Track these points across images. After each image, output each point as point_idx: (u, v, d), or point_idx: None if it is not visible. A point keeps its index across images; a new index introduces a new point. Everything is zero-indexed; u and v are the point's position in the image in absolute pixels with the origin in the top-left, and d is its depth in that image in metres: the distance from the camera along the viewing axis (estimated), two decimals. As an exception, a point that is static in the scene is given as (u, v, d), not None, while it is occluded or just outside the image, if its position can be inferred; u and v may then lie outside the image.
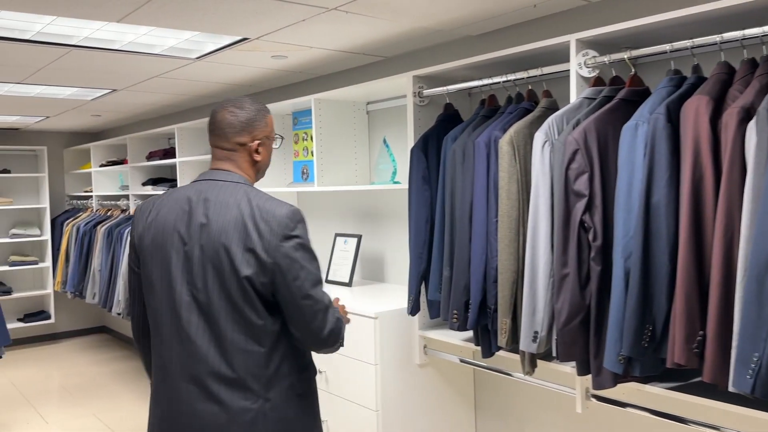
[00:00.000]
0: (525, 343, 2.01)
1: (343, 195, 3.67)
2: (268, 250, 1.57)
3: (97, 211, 6.00)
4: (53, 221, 6.47)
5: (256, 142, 1.69)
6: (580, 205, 1.86)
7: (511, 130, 2.08)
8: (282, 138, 1.93)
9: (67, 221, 6.12)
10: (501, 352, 2.27)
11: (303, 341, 1.64)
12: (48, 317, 6.41)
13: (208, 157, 4.22)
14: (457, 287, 2.22)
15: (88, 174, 6.44)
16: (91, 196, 6.26)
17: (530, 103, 2.27)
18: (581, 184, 1.86)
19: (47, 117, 5.48)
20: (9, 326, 6.13)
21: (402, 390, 2.71)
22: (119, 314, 4.79)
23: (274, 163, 3.90)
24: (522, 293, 2.02)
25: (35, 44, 2.85)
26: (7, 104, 4.64)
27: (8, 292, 6.21)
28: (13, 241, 6.27)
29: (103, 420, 4.29)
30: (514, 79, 2.32)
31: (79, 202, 6.51)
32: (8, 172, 6.29)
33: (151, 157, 5.06)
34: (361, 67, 3.50)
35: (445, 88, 2.57)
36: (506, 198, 2.04)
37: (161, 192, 4.83)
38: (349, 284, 3.29)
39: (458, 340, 2.54)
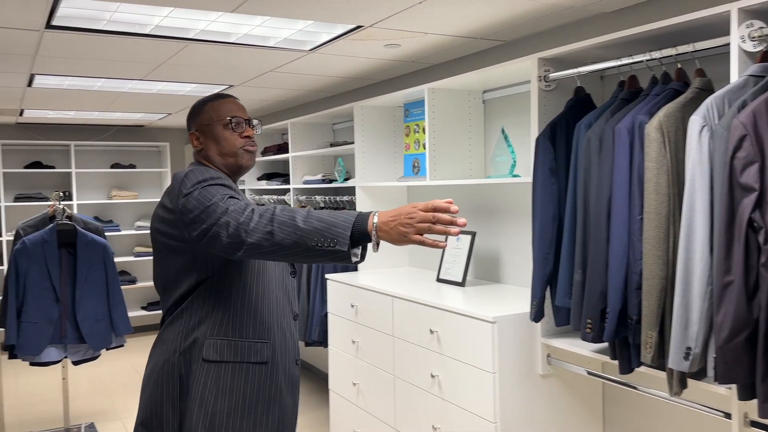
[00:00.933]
0: (675, 361, 1.74)
1: (457, 189, 3.48)
2: None
3: (214, 205, 6.17)
4: (174, 214, 6.72)
5: (192, 134, 1.80)
6: (749, 200, 1.56)
7: (660, 114, 1.81)
8: (234, 119, 1.77)
9: (187, 215, 6.33)
10: (642, 368, 2.00)
11: None
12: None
13: (321, 151, 4.18)
14: (592, 293, 1.97)
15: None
16: (208, 191, 6.45)
17: (680, 84, 1.98)
18: (750, 177, 1.57)
19: (168, 114, 5.69)
20: (133, 314, 6.48)
21: (523, 401, 2.50)
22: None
23: (384, 156, 3.80)
24: (672, 303, 1.75)
25: (154, 38, 2.88)
26: (132, 101, 4.84)
27: (133, 281, 6.55)
28: (137, 232, 6.61)
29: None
30: (660, 57, 2.04)
31: (197, 196, 6.74)
32: (134, 167, 6.62)
33: (265, 152, 5.11)
34: (478, 53, 3.29)
35: (575, 70, 2.32)
36: (654, 192, 1.78)
37: (275, 186, 4.86)
38: (462, 284, 3.10)
39: (586, 350, 2.29)
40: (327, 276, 3.61)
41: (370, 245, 1.44)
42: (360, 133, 3.73)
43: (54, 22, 2.57)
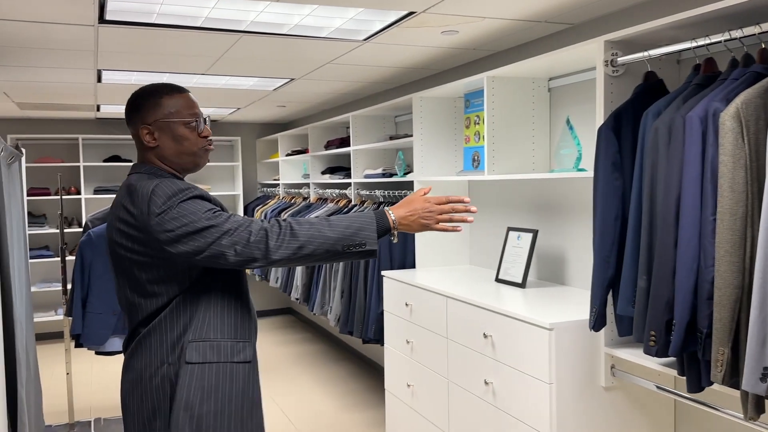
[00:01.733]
0: (749, 382, 1.51)
1: (518, 184, 3.29)
2: None
3: (282, 198, 6.21)
4: (246, 207, 6.85)
5: (145, 128, 1.64)
6: (844, 200, 1.33)
7: (737, 101, 1.58)
8: (196, 120, 1.67)
9: (257, 207, 6.42)
10: (715, 385, 1.77)
11: None
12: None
13: (381, 144, 4.08)
14: (657, 302, 1.76)
15: (277, 163, 6.72)
16: (278, 184, 6.51)
17: (764, 67, 1.73)
18: None
19: (238, 108, 5.75)
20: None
21: (582, 415, 2.30)
22: (297, 299, 4.87)
23: (444, 149, 3.65)
24: (747, 316, 1.53)
25: (206, 31, 2.85)
26: (200, 96, 4.90)
27: (206, 272, 6.69)
28: (210, 225, 6.74)
29: (278, 403, 4.37)
30: (741, 37, 1.79)
31: (268, 189, 6.82)
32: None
33: (328, 145, 5.07)
34: (542, 39, 3.08)
35: (645, 53, 2.09)
36: (729, 190, 1.55)
37: (337, 180, 4.79)
38: (522, 285, 2.91)
39: (655, 362, 2.07)
40: (383, 273, 3.50)
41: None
42: (419, 125, 3.60)
43: (107, 17, 2.59)
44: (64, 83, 4.14)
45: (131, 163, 6.46)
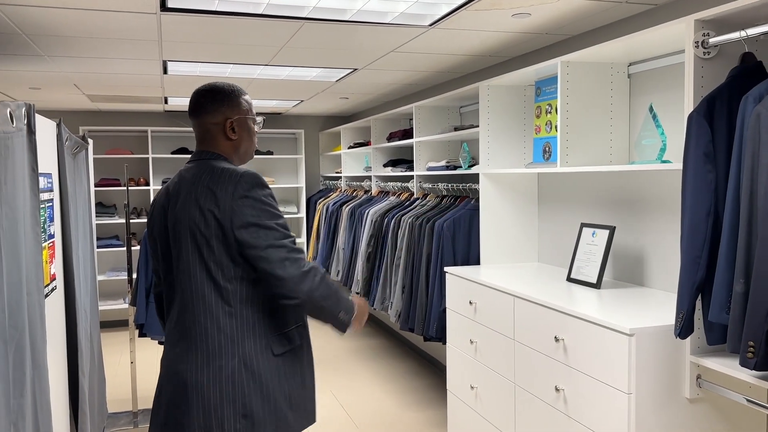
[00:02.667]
0: None
1: (593, 177, 3.08)
2: None
3: (344, 191, 6.15)
4: (308, 200, 6.83)
5: (230, 122, 1.81)
6: None
7: None
8: (262, 120, 1.96)
9: (320, 200, 6.39)
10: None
11: None
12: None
13: (445, 136, 3.93)
14: (756, 310, 1.56)
15: (339, 155, 6.67)
16: (340, 177, 6.46)
17: None
18: None
19: (301, 101, 5.71)
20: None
21: (664, 429, 2.11)
22: (357, 293, 4.79)
23: (511, 140, 3.47)
24: None
25: (268, 18, 2.79)
26: (264, 88, 4.88)
27: (268, 264, 6.72)
28: (273, 217, 6.77)
29: (338, 398, 4.30)
30: None
31: (331, 182, 6.78)
32: (271, 153, 6.78)
33: (390, 137, 4.96)
34: (621, 21, 2.86)
35: (742, 32, 1.87)
36: None
37: (399, 173, 4.68)
38: (596, 285, 2.72)
39: (747, 374, 1.85)
40: (446, 269, 3.37)
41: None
42: (485, 115, 3.44)
43: (168, 5, 2.55)
44: (131, 75, 4.18)
45: (197, 155, 6.54)
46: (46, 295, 2.25)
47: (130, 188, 6.29)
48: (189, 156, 6.52)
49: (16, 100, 5.29)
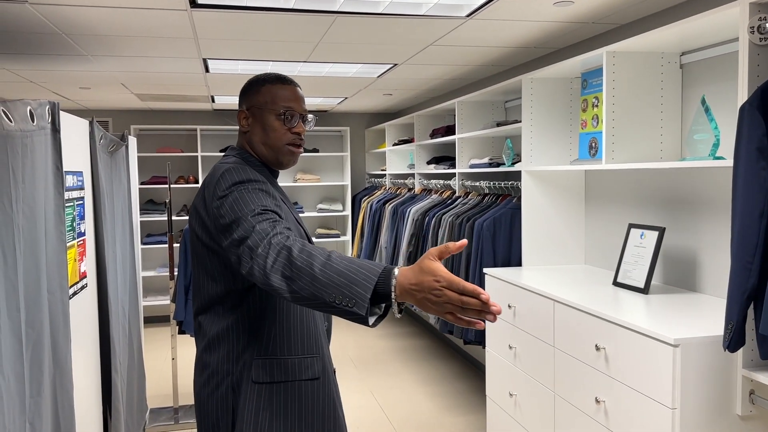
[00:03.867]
0: None
1: (642, 175, 2.90)
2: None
3: (388, 189, 6.08)
4: (353, 198, 6.79)
5: (242, 112, 1.62)
6: None
7: None
8: (288, 112, 1.59)
9: (364, 198, 6.34)
10: None
11: None
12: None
13: (487, 132, 3.80)
14: (816, 323, 1.40)
15: (384, 153, 6.60)
16: (385, 174, 6.39)
17: None
18: None
19: (345, 98, 5.67)
20: (313, 294, 6.67)
21: (713, 448, 1.94)
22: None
23: (556, 136, 3.31)
24: None
25: (299, 13, 2.73)
26: (306, 85, 4.85)
27: (314, 262, 6.72)
28: (319, 215, 6.76)
29: (377, 398, 4.24)
30: None
31: (376, 179, 6.72)
32: (317, 151, 6.77)
33: (433, 134, 4.85)
34: (672, 8, 2.67)
35: (805, 13, 1.69)
36: None
37: (442, 171, 4.57)
38: (644, 290, 2.55)
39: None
40: (485, 270, 3.24)
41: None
42: (528, 109, 3.29)
43: (198, 1, 2.53)
44: (174, 73, 4.22)
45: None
46: (74, 294, 2.26)
47: (179, 186, 6.39)
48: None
49: (69, 99, 5.44)
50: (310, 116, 1.65)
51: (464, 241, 1.13)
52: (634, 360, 2.08)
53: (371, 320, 1.15)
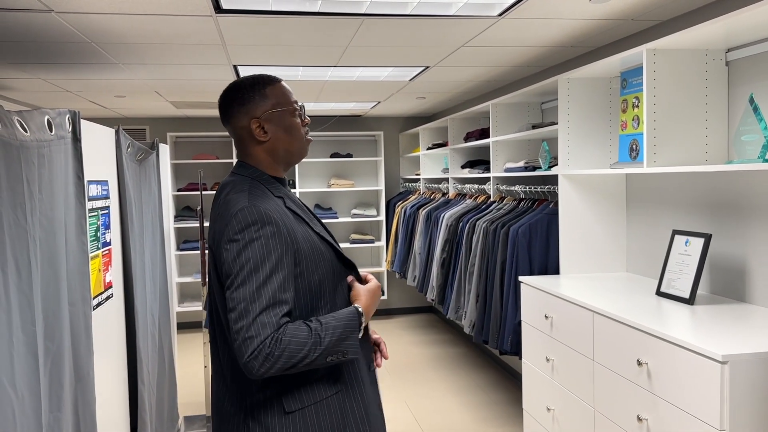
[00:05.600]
0: None
1: (686, 178, 2.75)
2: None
3: (423, 193, 5.99)
4: (388, 203, 6.72)
5: (255, 121, 1.49)
6: None
7: None
8: (301, 106, 1.58)
9: (398, 203, 6.26)
10: None
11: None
12: (382, 293, 6.73)
13: (522, 134, 3.68)
14: None
15: (418, 157, 6.51)
16: (419, 179, 6.30)
17: None
18: None
19: (378, 102, 5.60)
20: (348, 300, 6.63)
21: (767, 474, 1.80)
22: (432, 301, 4.61)
23: (595, 138, 3.18)
24: None
25: (325, 16, 2.67)
26: (338, 90, 4.81)
27: (348, 268, 6.66)
28: (353, 220, 6.71)
29: (411, 408, 4.15)
30: None
31: (410, 184, 6.64)
32: (350, 156, 6.72)
33: (467, 137, 4.74)
34: (717, 2, 2.53)
35: None
36: None
37: (476, 175, 4.46)
38: (689, 301, 2.41)
39: None
40: (520, 279, 3.13)
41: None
42: (565, 110, 3.17)
43: (223, 6, 2.49)
44: (206, 80, 4.22)
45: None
46: (99, 304, 2.24)
47: (201, 192, 6.42)
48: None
49: (105, 107, 5.51)
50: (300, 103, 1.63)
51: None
52: (678, 376, 1.95)
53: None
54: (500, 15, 2.71)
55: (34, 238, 1.55)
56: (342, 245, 6.59)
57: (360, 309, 1.43)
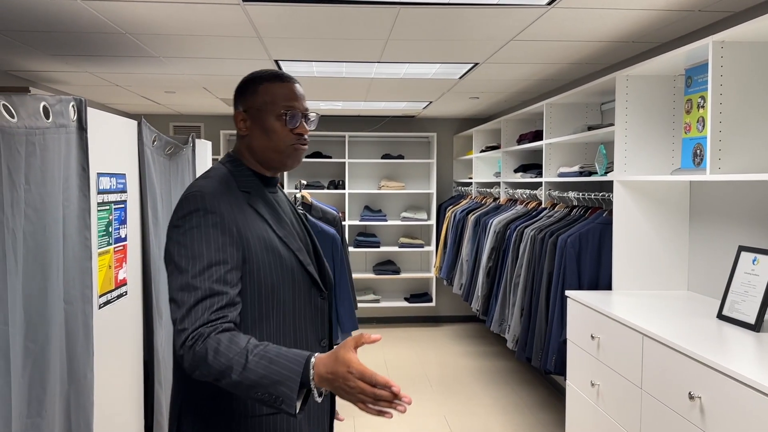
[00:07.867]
0: None
1: (757, 188, 2.44)
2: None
3: (474, 198, 5.75)
4: (439, 207, 6.51)
5: (240, 114, 1.46)
6: None
7: None
8: (290, 112, 1.43)
9: (449, 207, 6.05)
10: None
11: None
12: (429, 300, 6.52)
13: (576, 137, 3.41)
14: None
15: (471, 160, 6.27)
16: (471, 183, 6.07)
17: None
18: None
19: (430, 102, 5.41)
20: (395, 304, 6.47)
21: None
22: (477, 311, 4.38)
23: (657, 141, 2.88)
24: None
25: (358, 5, 2.51)
26: (386, 88, 4.65)
27: (397, 271, 6.50)
28: (403, 223, 6.53)
29: (450, 423, 3.93)
30: None
31: (463, 188, 6.41)
32: (402, 157, 6.54)
33: (520, 140, 4.48)
34: (805, -14, 2.21)
35: None
36: None
37: (528, 180, 4.21)
38: (755, 327, 2.11)
39: None
40: (567, 293, 2.87)
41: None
42: (623, 111, 2.89)
43: (250, -6, 2.37)
44: (249, 76, 4.13)
45: (331, 159, 6.48)
46: (107, 302, 2.14)
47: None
48: (324, 160, 6.49)
49: (158, 103, 5.54)
50: (312, 115, 1.46)
51: (379, 336, 1.17)
52: (737, 416, 1.67)
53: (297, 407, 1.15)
54: (549, 4, 2.48)
55: (13, 231, 1.45)
56: (390, 249, 6.43)
57: (312, 361, 1.16)
